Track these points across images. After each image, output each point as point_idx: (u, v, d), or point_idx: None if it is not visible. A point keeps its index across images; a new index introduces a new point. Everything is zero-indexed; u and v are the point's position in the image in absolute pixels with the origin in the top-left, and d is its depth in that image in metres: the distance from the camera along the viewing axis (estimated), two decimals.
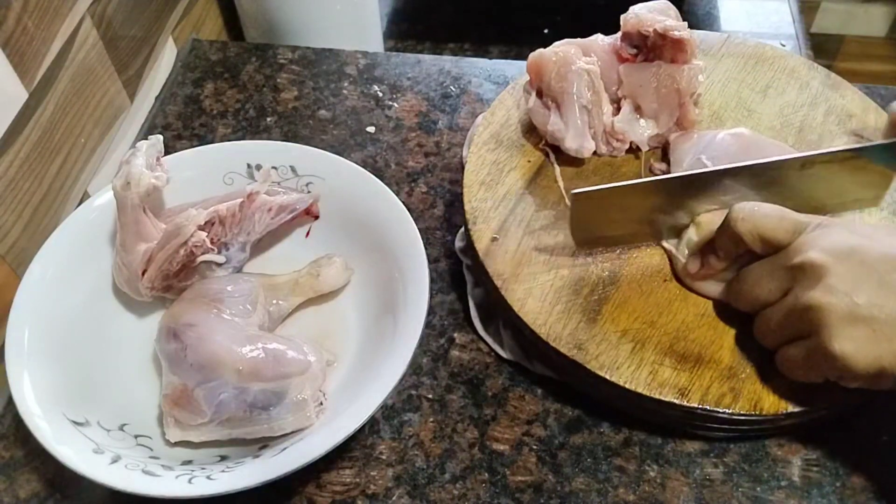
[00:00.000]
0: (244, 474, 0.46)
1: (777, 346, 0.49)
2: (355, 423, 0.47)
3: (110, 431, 0.50)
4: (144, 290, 0.53)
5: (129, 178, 0.52)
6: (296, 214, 0.59)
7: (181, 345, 0.49)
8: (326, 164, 0.60)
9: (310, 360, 0.50)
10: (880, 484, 0.51)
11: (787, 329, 0.48)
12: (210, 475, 0.46)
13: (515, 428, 0.54)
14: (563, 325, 0.52)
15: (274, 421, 0.49)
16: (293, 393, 0.49)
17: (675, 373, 0.50)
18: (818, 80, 0.66)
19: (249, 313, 0.53)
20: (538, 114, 0.61)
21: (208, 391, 0.48)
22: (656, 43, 0.60)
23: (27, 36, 0.57)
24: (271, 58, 0.80)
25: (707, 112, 0.65)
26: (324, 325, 0.57)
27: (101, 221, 0.57)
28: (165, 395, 0.50)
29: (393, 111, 0.75)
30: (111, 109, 0.70)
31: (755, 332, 0.50)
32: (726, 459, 0.52)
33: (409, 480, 0.52)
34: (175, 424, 0.49)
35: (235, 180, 0.61)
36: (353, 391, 0.51)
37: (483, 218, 0.58)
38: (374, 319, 0.55)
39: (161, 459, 0.49)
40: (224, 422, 0.49)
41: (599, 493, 0.51)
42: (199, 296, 0.53)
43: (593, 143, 0.60)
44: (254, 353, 0.49)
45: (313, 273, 0.56)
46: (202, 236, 0.53)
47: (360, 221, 0.58)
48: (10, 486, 0.52)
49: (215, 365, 0.48)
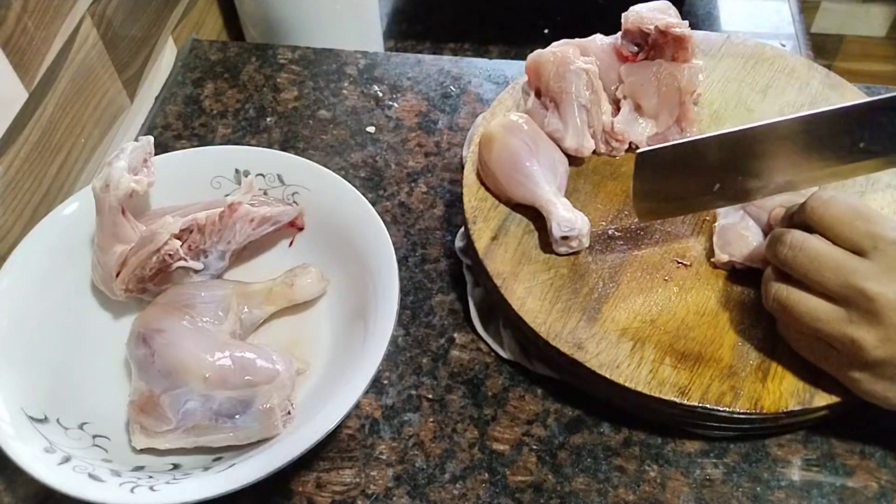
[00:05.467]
0: (187, 487, 0.46)
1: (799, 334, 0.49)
2: (302, 447, 0.46)
3: (68, 430, 0.50)
4: (119, 290, 0.53)
5: (108, 181, 0.52)
6: (279, 226, 0.59)
7: (150, 350, 0.49)
8: (313, 175, 0.59)
9: (278, 368, 0.50)
10: (880, 484, 0.51)
11: (823, 334, 0.47)
12: (153, 486, 0.46)
13: (515, 428, 0.54)
14: (562, 324, 0.52)
15: (240, 429, 0.49)
16: (260, 401, 0.48)
17: (676, 371, 0.50)
18: (818, 80, 0.66)
19: (221, 320, 0.52)
20: (537, 114, 0.61)
21: (174, 398, 0.48)
22: (657, 41, 0.60)
23: (27, 36, 0.57)
24: (271, 58, 0.80)
25: (707, 112, 0.65)
26: (297, 334, 0.57)
27: (85, 219, 0.56)
28: (132, 402, 0.49)
29: (393, 111, 0.75)
30: (111, 109, 0.70)
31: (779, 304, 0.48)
32: (726, 459, 0.52)
33: (409, 480, 0.52)
34: (141, 431, 0.49)
35: (223, 184, 0.60)
36: (321, 400, 0.50)
37: (483, 217, 0.58)
38: (346, 328, 0.55)
39: (113, 463, 0.48)
40: (190, 429, 0.49)
41: (599, 493, 0.51)
42: (172, 301, 0.53)
43: (592, 143, 0.60)
44: (221, 361, 0.49)
45: (287, 282, 0.56)
46: (175, 245, 0.52)
47: (341, 233, 0.58)
48: (9, 486, 0.51)
49: (182, 372, 0.48)
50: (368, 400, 0.55)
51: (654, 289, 0.55)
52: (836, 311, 0.46)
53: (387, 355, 0.50)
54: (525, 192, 0.57)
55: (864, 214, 0.46)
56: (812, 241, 0.47)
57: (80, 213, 0.57)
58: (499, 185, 0.58)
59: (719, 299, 0.54)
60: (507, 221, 0.58)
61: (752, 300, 0.54)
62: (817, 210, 0.47)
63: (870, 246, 0.45)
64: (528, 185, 0.57)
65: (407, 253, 0.64)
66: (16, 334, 0.52)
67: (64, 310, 0.55)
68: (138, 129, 0.75)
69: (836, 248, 0.46)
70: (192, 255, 0.55)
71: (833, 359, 0.48)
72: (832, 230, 0.46)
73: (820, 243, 0.46)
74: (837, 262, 0.45)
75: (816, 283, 0.46)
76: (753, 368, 0.51)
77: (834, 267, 0.45)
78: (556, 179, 0.58)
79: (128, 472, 0.48)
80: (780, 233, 0.48)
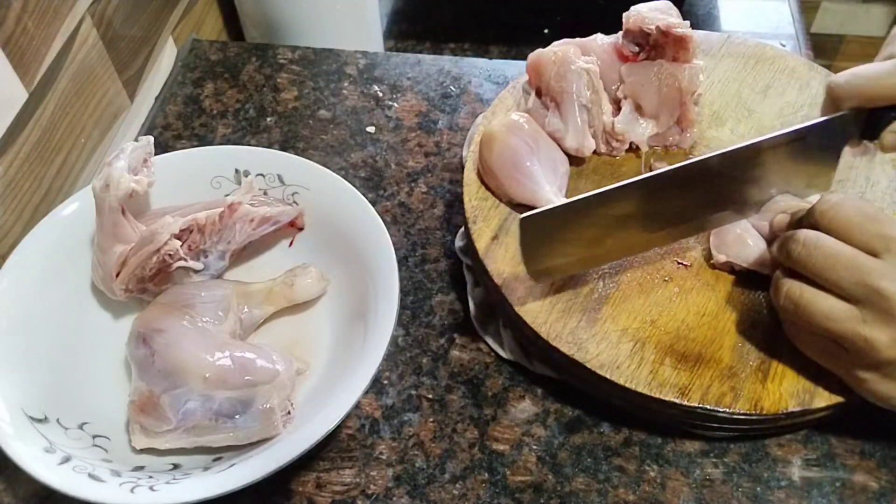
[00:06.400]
0: (187, 487, 0.46)
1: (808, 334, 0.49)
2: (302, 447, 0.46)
3: (68, 430, 0.50)
4: (118, 290, 0.53)
5: (108, 181, 0.52)
6: (279, 226, 0.59)
7: (150, 350, 0.49)
8: (313, 175, 0.59)
9: (278, 368, 0.50)
10: (880, 484, 0.51)
11: (835, 334, 0.46)
12: (153, 486, 0.46)
13: (515, 428, 0.54)
14: (563, 324, 0.52)
15: (240, 429, 0.49)
16: (260, 401, 0.48)
17: (676, 372, 0.50)
18: (818, 81, 0.66)
19: (221, 320, 0.52)
20: (538, 113, 0.61)
21: (174, 398, 0.48)
22: (658, 41, 0.60)
23: (27, 36, 0.57)
24: (271, 58, 0.80)
25: (707, 112, 0.65)
26: (297, 334, 0.57)
27: (85, 219, 0.56)
28: (132, 402, 0.49)
29: (393, 111, 0.75)
30: (111, 109, 0.70)
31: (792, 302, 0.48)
32: (726, 459, 0.52)
33: (409, 480, 0.52)
34: (141, 431, 0.49)
35: (223, 185, 0.60)
36: (321, 400, 0.50)
37: (483, 217, 0.58)
38: (346, 328, 0.55)
39: (113, 463, 0.48)
40: (190, 429, 0.49)
41: (599, 493, 0.51)
42: (172, 301, 0.53)
43: (593, 143, 0.60)
44: (221, 361, 0.49)
45: (287, 282, 0.56)
46: (175, 245, 0.52)
47: (341, 233, 0.58)
48: (9, 486, 0.51)
49: (182, 372, 0.48)
50: (368, 400, 0.55)
51: (655, 289, 0.55)
52: (850, 311, 0.45)
53: (387, 355, 0.50)
54: (525, 191, 0.57)
55: (874, 217, 0.46)
56: (827, 240, 0.46)
57: (80, 213, 0.57)
58: (499, 184, 0.58)
59: (719, 300, 0.54)
60: (508, 221, 0.58)
61: (752, 301, 0.54)
62: (827, 213, 0.47)
63: (882, 247, 0.45)
64: (529, 185, 0.57)
65: (407, 253, 0.64)
66: (16, 334, 0.52)
67: (64, 310, 0.55)
68: (138, 129, 0.75)
69: (850, 247, 0.46)
70: (192, 255, 0.55)
71: (842, 359, 0.47)
72: (843, 233, 0.46)
73: (834, 242, 0.46)
74: (852, 261, 0.45)
75: (831, 281, 0.46)
76: (753, 369, 0.51)
77: (849, 266, 0.45)
78: (557, 179, 0.58)
79: (128, 472, 0.48)
80: (792, 232, 0.48)
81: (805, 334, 0.49)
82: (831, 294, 0.46)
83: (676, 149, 0.63)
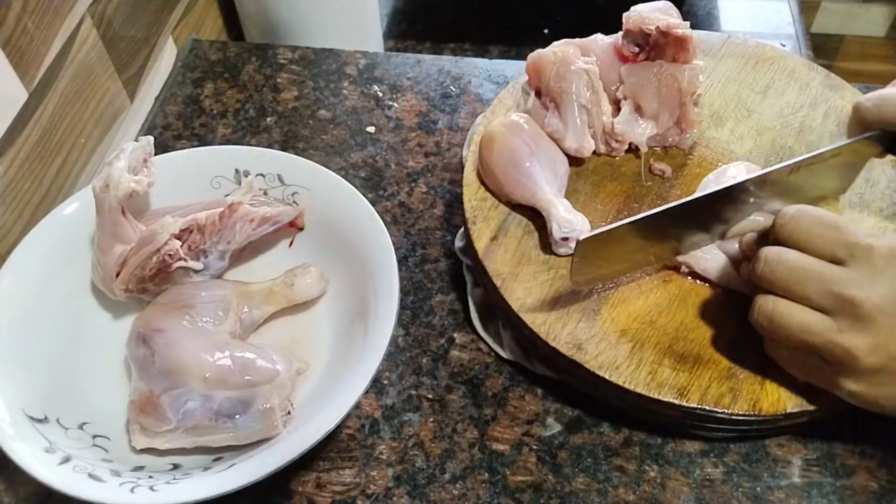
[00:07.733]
0: (187, 487, 0.46)
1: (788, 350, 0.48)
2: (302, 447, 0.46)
3: (68, 430, 0.50)
4: (118, 290, 0.53)
5: (108, 181, 0.52)
6: (279, 226, 0.59)
7: (149, 350, 0.49)
8: (313, 175, 0.59)
9: (278, 368, 0.50)
10: (880, 484, 0.51)
11: (814, 347, 0.46)
12: (153, 486, 0.46)
13: (515, 428, 0.54)
14: (562, 324, 0.52)
15: (240, 429, 0.49)
16: (260, 401, 0.48)
17: (675, 373, 0.50)
18: (818, 81, 0.66)
19: (221, 320, 0.52)
20: (537, 114, 0.61)
21: (174, 398, 0.48)
22: (658, 41, 0.60)
23: (27, 36, 0.57)
24: (271, 58, 0.80)
25: (707, 112, 0.65)
26: (297, 334, 0.57)
27: (85, 219, 0.56)
28: (132, 402, 0.49)
29: (393, 111, 0.75)
30: (111, 109, 0.70)
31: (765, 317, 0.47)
32: (726, 459, 0.52)
33: (409, 480, 0.52)
34: (141, 431, 0.49)
35: (223, 184, 0.60)
36: (321, 400, 0.50)
37: (483, 217, 0.58)
38: (346, 328, 0.55)
39: (113, 463, 0.48)
40: (190, 429, 0.49)
41: (599, 493, 0.51)
42: (172, 301, 0.53)
43: (593, 143, 0.60)
44: (221, 361, 0.49)
45: (287, 282, 0.56)
46: (176, 245, 0.52)
47: (341, 233, 0.58)
48: (10, 486, 0.52)
49: (182, 372, 0.48)
50: (368, 400, 0.55)
51: (654, 290, 0.55)
52: (824, 321, 0.45)
53: (387, 355, 0.50)
54: (525, 192, 0.57)
55: (834, 225, 0.46)
56: (789, 254, 0.46)
57: (80, 213, 0.57)
58: (499, 184, 0.58)
59: (718, 301, 0.54)
60: (507, 221, 0.58)
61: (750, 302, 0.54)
62: (786, 226, 0.47)
63: (846, 255, 0.45)
64: (529, 186, 0.57)
65: (407, 253, 0.64)
66: (16, 334, 0.52)
67: (64, 310, 0.55)
68: (138, 129, 0.75)
69: (814, 259, 0.46)
70: (192, 255, 0.55)
71: (824, 371, 0.47)
72: (805, 244, 0.46)
73: (797, 256, 0.46)
74: (818, 272, 0.45)
75: (799, 295, 0.46)
76: (752, 370, 0.51)
77: (815, 277, 0.45)
78: (557, 180, 0.58)
79: (128, 472, 0.48)
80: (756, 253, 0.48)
81: (785, 351, 0.49)
82: (805, 307, 0.46)
83: (676, 149, 0.63)
